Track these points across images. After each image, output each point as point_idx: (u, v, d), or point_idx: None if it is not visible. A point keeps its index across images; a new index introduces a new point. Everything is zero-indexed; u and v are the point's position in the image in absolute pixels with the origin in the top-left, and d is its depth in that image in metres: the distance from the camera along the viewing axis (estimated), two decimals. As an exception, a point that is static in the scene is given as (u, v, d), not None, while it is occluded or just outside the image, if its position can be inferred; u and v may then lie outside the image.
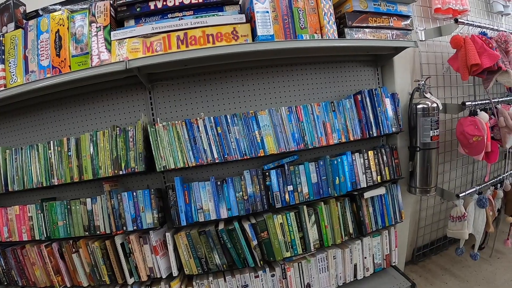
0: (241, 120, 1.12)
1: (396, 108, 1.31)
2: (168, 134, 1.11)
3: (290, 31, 1.10)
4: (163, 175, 1.26)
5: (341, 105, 1.22)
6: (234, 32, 1.06)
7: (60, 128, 1.31)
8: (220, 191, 1.16)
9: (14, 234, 1.32)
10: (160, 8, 1.12)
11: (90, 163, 1.20)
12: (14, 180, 1.29)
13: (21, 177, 1.28)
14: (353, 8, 1.18)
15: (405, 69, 1.40)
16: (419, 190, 1.42)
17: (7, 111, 1.37)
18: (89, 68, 1.09)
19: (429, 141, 1.35)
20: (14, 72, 1.20)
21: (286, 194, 1.18)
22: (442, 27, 1.46)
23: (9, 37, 1.22)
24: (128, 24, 1.16)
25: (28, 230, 1.30)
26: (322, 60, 1.32)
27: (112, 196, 1.21)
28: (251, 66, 1.26)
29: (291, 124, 1.15)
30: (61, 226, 1.26)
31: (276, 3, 1.10)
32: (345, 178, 1.25)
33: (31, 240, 1.29)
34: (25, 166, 1.27)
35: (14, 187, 1.28)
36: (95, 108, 1.26)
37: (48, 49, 1.17)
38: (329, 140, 1.19)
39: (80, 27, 1.17)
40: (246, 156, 1.12)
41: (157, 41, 1.07)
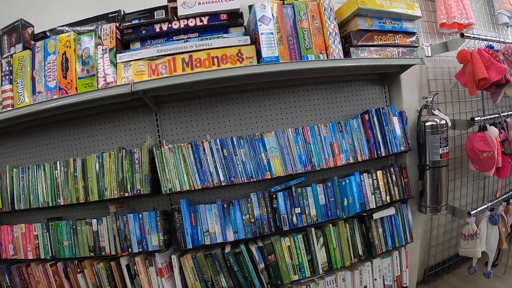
0: (247, 142, 1.10)
1: (404, 127, 1.28)
2: (174, 157, 1.09)
3: (295, 52, 1.09)
4: (169, 197, 1.23)
5: (348, 125, 1.19)
6: (239, 54, 1.05)
7: (66, 148, 1.31)
8: (226, 213, 1.13)
9: (19, 252, 1.31)
10: (165, 30, 1.12)
11: (96, 184, 1.19)
12: (21, 198, 1.28)
13: (27, 196, 1.27)
14: (358, 27, 1.16)
15: (412, 86, 1.37)
16: (430, 209, 1.37)
17: (14, 130, 1.38)
18: (95, 91, 1.08)
19: (438, 159, 1.31)
20: (21, 92, 1.21)
21: (294, 216, 1.15)
22: (448, 42, 1.43)
23: (17, 58, 1.23)
24: (134, 47, 1.16)
25: (33, 249, 1.29)
26: (328, 80, 1.30)
27: (118, 218, 1.19)
28: (257, 87, 1.25)
29: (298, 145, 1.13)
30: (66, 246, 1.25)
31: (281, 24, 1.09)
32: (354, 199, 1.21)
33: (36, 259, 1.28)
34: (31, 185, 1.27)
35: (20, 205, 1.28)
36: (102, 129, 1.25)
37: (55, 71, 1.17)
38: (336, 161, 1.16)
39: (86, 49, 1.18)
40: (252, 179, 1.09)
41: (162, 64, 1.07)
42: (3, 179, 1.31)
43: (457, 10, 1.55)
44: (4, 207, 1.30)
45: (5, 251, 1.32)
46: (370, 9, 1.15)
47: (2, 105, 1.21)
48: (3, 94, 1.22)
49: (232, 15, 1.11)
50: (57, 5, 1.37)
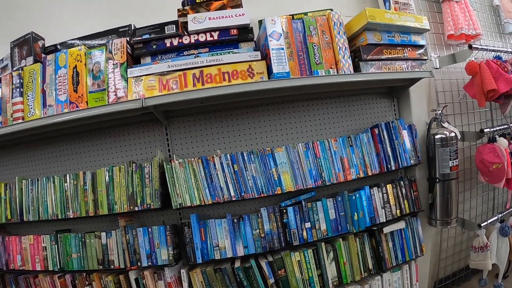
0: (258, 157, 1.10)
1: (414, 140, 1.27)
2: (185, 171, 1.09)
3: (305, 67, 1.09)
4: (178, 211, 1.23)
5: (358, 139, 1.19)
6: (249, 69, 1.06)
7: (76, 161, 1.31)
8: (236, 228, 1.12)
9: (27, 263, 1.31)
10: (176, 45, 1.13)
11: (105, 198, 1.19)
12: (30, 210, 1.29)
13: (36, 208, 1.27)
14: (367, 41, 1.16)
15: (421, 99, 1.37)
16: (440, 222, 1.35)
17: (24, 142, 1.39)
18: (106, 105, 1.09)
19: (448, 172, 1.30)
20: (32, 105, 1.22)
21: (304, 231, 1.14)
22: (456, 54, 1.43)
23: (27, 71, 1.24)
24: (144, 61, 1.17)
25: (41, 260, 1.29)
26: (337, 94, 1.31)
27: (127, 231, 1.18)
28: (267, 102, 1.25)
29: (308, 160, 1.13)
30: (75, 258, 1.25)
31: (291, 39, 1.10)
32: (364, 214, 1.20)
33: (44, 270, 1.28)
34: (40, 197, 1.28)
35: (29, 217, 1.28)
36: (111, 142, 1.26)
37: (65, 84, 1.18)
38: (347, 175, 1.15)
39: (97, 63, 1.18)
40: (263, 194, 1.09)
41: (173, 79, 1.07)
42: (12, 190, 1.32)
43: (464, 21, 1.55)
44: (13, 218, 1.31)
45: (13, 261, 1.32)
46: (379, 23, 1.16)
47: (13, 117, 1.22)
48: (13, 107, 1.22)
49: (242, 30, 1.12)
50: (68, 19, 1.38)
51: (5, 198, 1.33)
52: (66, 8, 1.40)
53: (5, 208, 1.32)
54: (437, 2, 1.56)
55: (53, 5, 1.42)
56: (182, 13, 1.16)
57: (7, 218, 1.31)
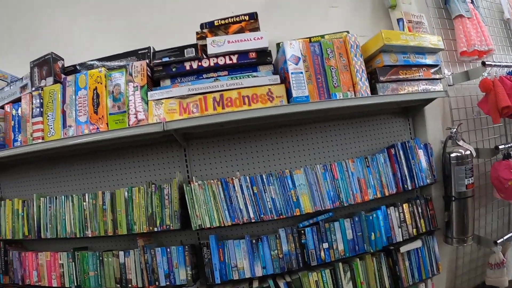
0: (277, 179, 1.12)
1: (429, 159, 1.28)
2: (204, 193, 1.11)
3: (323, 90, 1.11)
4: (197, 231, 1.24)
5: (375, 160, 1.20)
6: (269, 93, 1.08)
7: (94, 180, 1.34)
8: (255, 249, 1.14)
9: (43, 279, 1.33)
10: (196, 68, 1.16)
11: (124, 218, 1.21)
12: (47, 228, 1.30)
13: (54, 225, 1.29)
14: (383, 63, 1.18)
15: (436, 117, 1.38)
16: (456, 240, 1.36)
17: (42, 160, 1.41)
18: (128, 128, 1.11)
19: (464, 190, 1.31)
20: (52, 125, 1.24)
21: (322, 251, 1.15)
22: (470, 71, 1.44)
23: (48, 91, 1.26)
24: (164, 84, 1.20)
25: (58, 277, 1.30)
26: (354, 114, 1.33)
27: (146, 251, 1.20)
28: (285, 123, 1.27)
29: (326, 182, 1.14)
30: (92, 276, 1.27)
31: (309, 62, 1.12)
32: (381, 233, 1.21)
33: (60, 287, 1.29)
34: (59, 215, 1.29)
35: (47, 234, 1.30)
36: (130, 162, 1.28)
37: (86, 106, 1.20)
38: (364, 196, 1.17)
39: (117, 86, 1.21)
40: (282, 216, 1.11)
41: (193, 103, 1.10)
42: (30, 207, 1.34)
43: (477, 37, 1.57)
44: (30, 235, 1.33)
45: (29, 277, 1.35)
46: (395, 44, 1.18)
47: (33, 136, 1.24)
48: (33, 126, 1.25)
49: (261, 54, 1.14)
50: (87, 39, 1.42)
51: (23, 214, 1.35)
52: (85, 28, 1.44)
53: (22, 225, 1.35)
54: (449, 19, 1.58)
55: (72, 26, 1.46)
56: (200, 36, 1.19)
57: (24, 235, 1.33)
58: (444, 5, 1.60)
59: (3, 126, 1.31)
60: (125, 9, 1.44)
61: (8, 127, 1.30)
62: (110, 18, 1.44)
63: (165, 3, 1.44)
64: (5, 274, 1.37)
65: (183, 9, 1.41)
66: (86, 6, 1.49)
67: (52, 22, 1.50)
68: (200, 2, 1.39)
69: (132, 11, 1.43)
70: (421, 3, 1.49)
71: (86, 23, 1.44)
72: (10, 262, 1.38)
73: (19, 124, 1.28)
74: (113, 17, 1.44)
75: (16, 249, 1.40)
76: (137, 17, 1.42)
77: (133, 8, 1.44)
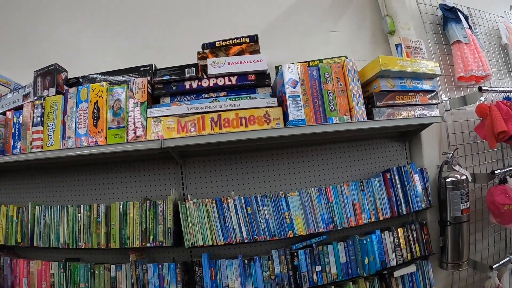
0: (271, 201, 1.14)
1: (425, 183, 1.30)
2: (198, 212, 1.13)
3: (320, 113, 1.14)
4: (189, 249, 1.25)
5: (370, 184, 1.22)
6: (266, 115, 1.11)
7: (90, 192, 1.36)
8: (247, 269, 1.15)
9: (33, 287, 1.32)
10: (195, 88, 1.19)
11: (118, 232, 1.22)
12: (41, 236, 1.31)
13: (47, 234, 1.30)
14: (380, 88, 1.22)
15: (433, 142, 1.41)
16: (451, 265, 1.36)
17: (39, 168, 1.43)
18: (125, 143, 1.14)
19: (459, 215, 1.32)
20: (52, 135, 1.26)
21: (314, 274, 1.16)
22: (467, 96, 1.48)
23: (49, 101, 1.29)
24: (163, 101, 1.23)
25: (48, 286, 1.30)
26: (350, 138, 1.36)
27: (138, 266, 1.21)
28: (281, 145, 1.30)
29: (320, 205, 1.16)
30: (82, 288, 1.27)
31: (307, 86, 1.15)
32: (375, 257, 1.22)
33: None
34: (53, 225, 1.31)
35: (39, 243, 1.30)
36: (126, 177, 1.30)
37: (86, 118, 1.23)
38: (358, 220, 1.18)
39: (118, 101, 1.24)
40: (275, 237, 1.12)
41: (191, 122, 1.13)
42: (25, 214, 1.36)
43: (474, 62, 1.61)
44: (23, 242, 1.33)
45: (19, 284, 1.34)
46: (392, 70, 1.21)
47: (32, 145, 1.26)
48: (33, 135, 1.27)
49: (260, 76, 1.18)
50: (90, 53, 1.47)
51: (17, 221, 1.36)
52: (89, 42, 1.49)
53: (16, 231, 1.35)
54: (447, 45, 1.63)
55: (76, 39, 1.51)
56: (201, 56, 1.23)
57: (17, 241, 1.34)
58: (442, 31, 1.65)
59: (3, 132, 1.34)
60: (128, 26, 1.49)
61: (8, 134, 1.32)
62: (113, 34, 1.50)
63: (167, 22, 1.50)
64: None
65: (185, 29, 1.46)
66: (91, 21, 1.55)
67: (57, 34, 1.55)
68: (202, 23, 1.45)
69: (135, 29, 1.48)
70: (420, 29, 1.54)
71: (90, 37, 1.50)
72: (1, 268, 1.38)
73: (19, 131, 1.31)
74: (116, 33, 1.50)
75: (7, 255, 1.41)
76: (140, 35, 1.47)
77: (136, 25, 1.50)
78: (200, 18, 1.46)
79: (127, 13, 1.53)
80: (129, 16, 1.52)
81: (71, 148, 1.20)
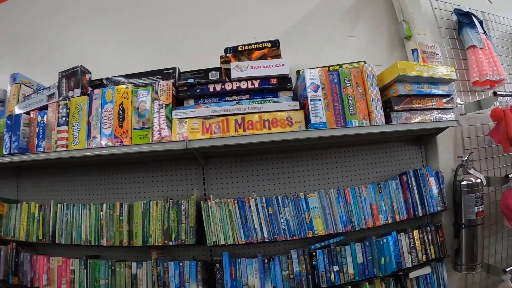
0: (292, 201, 1.18)
1: (440, 186, 1.33)
2: (220, 211, 1.17)
3: (340, 117, 1.18)
4: (210, 248, 1.30)
5: (387, 186, 1.26)
6: (288, 118, 1.15)
7: (112, 191, 1.40)
8: (266, 268, 1.18)
9: (53, 283, 1.37)
10: (219, 91, 1.24)
11: (141, 230, 1.27)
12: (62, 233, 1.36)
13: (69, 232, 1.35)
14: (398, 93, 1.25)
15: (448, 146, 1.44)
16: (465, 267, 1.39)
17: (61, 167, 1.48)
18: (151, 144, 1.18)
19: (474, 218, 1.35)
20: (77, 135, 1.30)
21: (332, 274, 1.19)
22: (482, 100, 1.50)
23: (74, 102, 1.33)
24: (187, 104, 1.28)
25: (68, 282, 1.35)
26: (368, 141, 1.40)
27: (159, 264, 1.25)
28: (302, 148, 1.34)
29: (339, 206, 1.20)
30: (103, 285, 1.31)
31: (328, 90, 1.19)
32: (391, 258, 1.25)
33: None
34: (75, 222, 1.35)
35: (61, 240, 1.35)
36: (149, 177, 1.35)
37: (111, 119, 1.27)
38: (376, 221, 1.22)
39: (143, 102, 1.29)
40: (295, 237, 1.16)
41: (216, 123, 1.17)
42: (47, 212, 1.41)
43: (489, 67, 1.64)
44: (45, 239, 1.38)
45: (38, 280, 1.39)
46: (409, 75, 1.25)
47: (57, 144, 1.31)
48: (58, 134, 1.32)
49: (281, 80, 1.22)
50: (114, 56, 1.52)
51: (38, 218, 1.42)
52: (111, 45, 1.54)
53: (37, 228, 1.41)
54: (462, 50, 1.65)
55: (99, 41, 1.57)
56: (224, 60, 1.28)
57: (38, 238, 1.39)
58: (457, 35, 1.68)
59: (28, 131, 1.39)
60: (150, 30, 1.54)
61: (32, 133, 1.37)
62: (136, 37, 1.55)
63: (189, 27, 1.54)
64: (15, 275, 1.41)
65: (206, 33, 1.51)
66: (113, 24, 1.60)
67: (80, 37, 1.61)
68: (222, 28, 1.50)
69: (158, 33, 1.53)
70: (435, 34, 1.57)
71: (112, 40, 1.55)
72: (20, 264, 1.43)
73: (44, 131, 1.36)
74: (138, 37, 1.55)
75: (28, 252, 1.45)
76: (162, 39, 1.53)
77: (158, 29, 1.55)
78: (220, 23, 1.52)
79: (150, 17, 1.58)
80: (151, 20, 1.57)
81: (97, 148, 1.24)
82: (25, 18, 1.75)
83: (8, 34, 1.75)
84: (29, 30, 1.71)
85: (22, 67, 1.58)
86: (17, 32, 1.74)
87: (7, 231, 1.44)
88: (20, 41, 1.73)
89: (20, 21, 1.76)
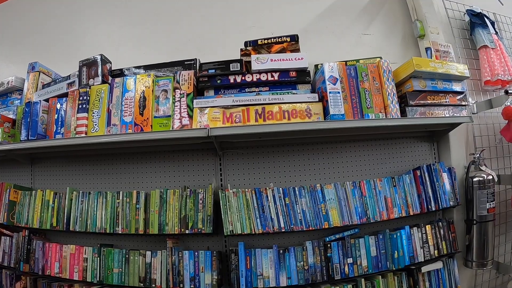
0: (309, 192, 1.22)
1: (453, 182, 1.38)
2: (238, 201, 1.21)
3: (357, 110, 1.23)
4: (224, 238, 1.33)
5: (401, 180, 1.30)
6: (308, 109, 1.19)
7: (128, 180, 1.44)
8: (281, 259, 1.22)
9: (65, 271, 1.38)
10: (239, 82, 1.28)
11: (157, 218, 1.30)
12: (77, 221, 1.38)
13: (84, 219, 1.37)
14: (413, 88, 1.30)
15: (460, 143, 1.49)
16: (476, 263, 1.42)
17: (77, 156, 1.51)
18: (172, 131, 1.22)
19: (485, 214, 1.38)
20: (96, 122, 1.33)
21: (346, 266, 1.23)
22: (493, 99, 1.55)
23: (95, 90, 1.37)
24: (207, 94, 1.32)
25: (80, 271, 1.36)
26: (382, 136, 1.45)
27: (174, 253, 1.28)
28: (319, 141, 1.39)
29: (354, 198, 1.24)
30: (115, 273, 1.33)
31: (345, 84, 1.24)
32: (403, 252, 1.28)
33: (81, 281, 1.36)
34: (90, 210, 1.37)
35: (76, 227, 1.37)
36: (166, 166, 1.39)
37: (132, 107, 1.31)
38: (390, 214, 1.26)
39: (164, 92, 1.33)
40: (311, 228, 1.20)
41: (236, 113, 1.21)
42: (62, 199, 1.43)
43: (500, 67, 1.69)
44: (59, 226, 1.40)
45: (50, 268, 1.40)
46: (424, 71, 1.30)
47: (76, 131, 1.34)
48: (78, 121, 1.35)
49: (300, 73, 1.27)
50: (132, 47, 1.57)
51: (53, 206, 1.43)
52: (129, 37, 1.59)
53: (51, 215, 1.42)
54: (474, 49, 1.71)
55: (117, 33, 1.61)
56: (244, 53, 1.33)
57: (52, 225, 1.40)
58: (469, 36, 1.74)
59: (46, 118, 1.42)
60: (168, 22, 1.59)
61: (51, 120, 1.40)
62: (154, 30, 1.60)
63: (207, 19, 1.59)
64: (26, 262, 1.43)
65: (224, 26, 1.56)
66: (131, 15, 1.65)
67: (99, 28, 1.65)
68: (240, 21, 1.55)
69: (175, 25, 1.58)
70: (448, 34, 1.63)
71: (131, 32, 1.59)
72: (32, 251, 1.44)
73: (63, 118, 1.39)
74: (156, 29, 1.60)
75: (40, 239, 1.48)
76: (180, 31, 1.57)
77: (176, 22, 1.59)
78: (239, 18, 1.57)
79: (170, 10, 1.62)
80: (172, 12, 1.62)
81: (118, 134, 1.26)
82: (43, 9, 1.79)
83: (26, 24, 1.79)
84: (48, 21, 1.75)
85: (40, 57, 1.62)
86: (35, 22, 1.79)
87: (20, 218, 1.47)
88: (38, 32, 1.77)
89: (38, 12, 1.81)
